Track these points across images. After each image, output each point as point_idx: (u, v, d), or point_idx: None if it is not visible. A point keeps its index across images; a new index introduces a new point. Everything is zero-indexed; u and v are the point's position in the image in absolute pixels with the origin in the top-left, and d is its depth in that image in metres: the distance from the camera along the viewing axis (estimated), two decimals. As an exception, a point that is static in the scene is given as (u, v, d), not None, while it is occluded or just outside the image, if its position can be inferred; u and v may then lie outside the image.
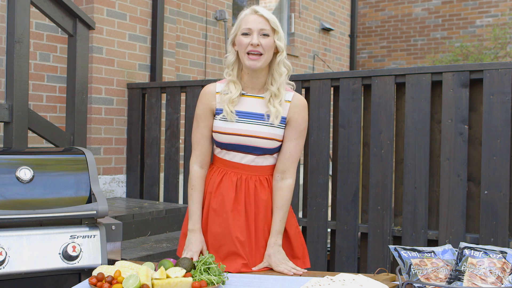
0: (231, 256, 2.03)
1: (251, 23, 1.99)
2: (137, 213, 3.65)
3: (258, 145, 2.03)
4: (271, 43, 2.00)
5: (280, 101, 2.03)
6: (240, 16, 2.05)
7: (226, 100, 2.03)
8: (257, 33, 1.98)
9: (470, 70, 3.04)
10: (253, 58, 1.98)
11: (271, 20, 2.00)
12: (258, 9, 2.02)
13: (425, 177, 3.15)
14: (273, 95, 2.03)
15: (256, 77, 2.05)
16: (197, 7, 5.68)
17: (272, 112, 2.01)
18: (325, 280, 1.73)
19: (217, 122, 2.06)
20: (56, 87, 4.38)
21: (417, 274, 1.77)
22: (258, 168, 2.08)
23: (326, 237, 3.49)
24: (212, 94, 2.08)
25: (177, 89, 4.24)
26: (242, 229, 2.04)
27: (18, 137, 2.90)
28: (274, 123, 2.02)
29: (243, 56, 2.00)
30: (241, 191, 2.05)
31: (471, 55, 8.08)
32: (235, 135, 2.02)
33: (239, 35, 2.01)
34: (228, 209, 2.04)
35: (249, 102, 2.06)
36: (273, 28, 2.00)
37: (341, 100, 3.45)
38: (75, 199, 1.94)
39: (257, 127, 2.02)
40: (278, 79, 2.03)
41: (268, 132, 2.02)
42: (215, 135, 2.07)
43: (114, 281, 1.65)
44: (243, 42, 1.99)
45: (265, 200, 2.07)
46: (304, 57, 7.43)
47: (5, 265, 1.74)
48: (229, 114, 2.02)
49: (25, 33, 2.93)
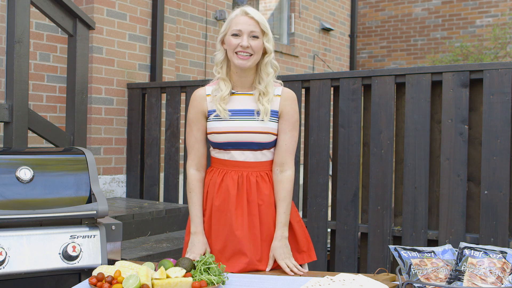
0: (236, 256, 2.03)
1: (242, 24, 2.03)
2: (137, 213, 3.65)
3: (254, 140, 2.06)
4: (260, 45, 2.04)
5: (268, 99, 2.08)
6: (230, 16, 2.09)
7: (217, 99, 2.06)
8: (247, 35, 2.02)
9: (470, 70, 3.04)
10: (242, 58, 2.02)
11: (261, 22, 2.04)
12: (248, 10, 2.05)
13: (425, 177, 3.15)
14: (261, 93, 2.08)
15: (244, 76, 2.09)
16: (197, 7, 5.69)
17: (262, 110, 2.06)
18: (325, 280, 1.73)
19: (211, 123, 2.08)
20: (56, 87, 4.38)
21: (417, 274, 1.77)
22: (257, 164, 2.10)
23: (326, 237, 3.49)
24: (203, 97, 2.12)
25: (177, 89, 4.24)
26: (245, 227, 2.04)
27: (18, 137, 2.90)
28: (264, 119, 2.06)
29: (232, 55, 2.04)
30: (243, 188, 2.07)
31: (471, 55, 8.08)
32: (230, 133, 2.05)
33: (228, 35, 2.05)
34: (232, 208, 2.05)
35: (240, 99, 2.10)
36: (262, 30, 2.05)
37: (341, 100, 3.44)
38: (75, 199, 1.94)
39: (250, 123, 2.06)
40: (266, 78, 2.08)
41: (261, 126, 2.06)
42: (211, 136, 2.09)
43: (114, 281, 1.65)
44: (232, 42, 2.03)
45: (267, 195, 2.09)
46: (304, 57, 7.43)
47: (5, 265, 1.74)
48: (222, 111, 2.05)
49: (25, 33, 2.93)
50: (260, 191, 2.08)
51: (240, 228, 2.04)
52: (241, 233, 2.03)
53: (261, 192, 2.08)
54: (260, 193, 2.08)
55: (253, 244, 2.04)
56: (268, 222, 2.09)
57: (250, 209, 2.06)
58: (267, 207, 2.09)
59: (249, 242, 2.03)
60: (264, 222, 2.08)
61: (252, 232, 2.05)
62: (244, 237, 2.03)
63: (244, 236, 2.03)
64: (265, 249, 2.07)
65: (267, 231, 2.08)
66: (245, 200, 2.06)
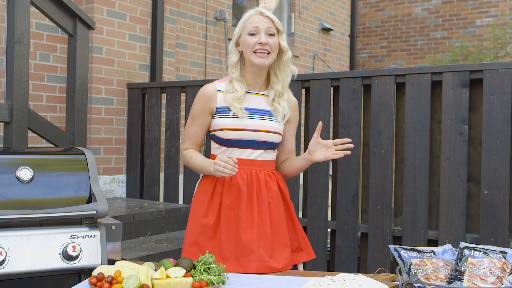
0: (247, 255, 2.01)
1: (258, 22, 2.07)
2: (137, 213, 3.65)
3: (267, 140, 2.11)
4: (277, 43, 2.09)
5: (283, 99, 2.15)
6: (244, 17, 2.12)
7: (232, 99, 2.09)
8: (264, 33, 2.06)
9: (470, 70, 3.04)
10: (261, 56, 2.06)
11: (275, 21, 2.11)
12: (263, 10, 2.11)
13: (425, 177, 3.15)
14: (277, 93, 2.14)
15: (259, 75, 2.13)
16: (197, 7, 5.68)
17: (279, 110, 2.13)
18: (325, 280, 1.73)
19: (222, 120, 2.10)
20: (56, 87, 4.38)
21: (417, 274, 1.77)
22: (264, 162, 2.14)
23: (326, 237, 3.49)
24: (213, 93, 2.13)
25: (177, 89, 4.24)
26: (255, 225, 2.04)
27: (18, 137, 2.90)
28: (278, 119, 2.14)
29: (250, 55, 2.07)
30: (252, 185, 2.09)
31: (471, 55, 8.08)
32: (245, 131, 2.08)
33: (244, 35, 2.09)
34: (243, 205, 2.06)
35: (254, 99, 2.14)
36: (277, 28, 2.10)
37: (341, 100, 3.45)
38: (75, 199, 1.94)
39: (267, 122, 2.12)
40: (285, 79, 2.14)
41: (275, 126, 2.13)
42: (223, 133, 2.09)
43: (114, 281, 1.65)
44: (250, 41, 2.06)
45: (276, 191, 2.12)
46: (304, 57, 7.43)
47: (5, 265, 1.74)
48: (239, 111, 2.08)
49: (25, 33, 2.93)
50: (269, 189, 2.11)
51: (250, 226, 2.04)
52: (251, 231, 2.04)
53: (270, 190, 2.11)
54: (269, 191, 2.11)
55: (263, 241, 2.04)
56: (279, 219, 2.10)
57: (260, 207, 2.07)
58: (276, 205, 2.11)
59: (259, 240, 2.04)
60: (275, 220, 2.09)
61: (263, 229, 2.06)
62: (254, 236, 2.03)
63: (254, 235, 2.03)
64: (276, 246, 2.07)
65: (278, 228, 2.09)
66: (255, 198, 2.08)
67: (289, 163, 2.22)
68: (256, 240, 2.03)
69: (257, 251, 2.01)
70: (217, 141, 2.14)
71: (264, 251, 2.03)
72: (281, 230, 2.10)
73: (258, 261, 2.00)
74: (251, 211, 2.06)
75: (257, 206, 2.07)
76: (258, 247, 2.02)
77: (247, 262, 2.01)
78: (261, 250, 2.02)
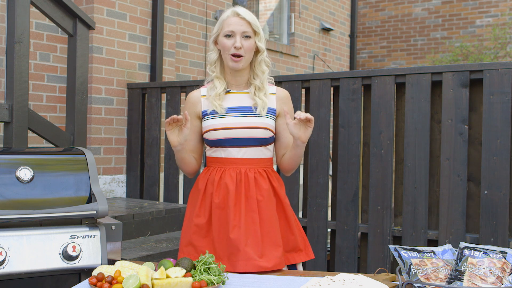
0: (235, 255, 2.02)
1: (234, 25, 2.08)
2: (137, 213, 3.65)
3: (252, 136, 2.09)
4: (253, 45, 2.10)
5: (264, 93, 2.14)
6: (222, 17, 2.13)
7: (213, 96, 2.11)
8: (240, 36, 2.07)
9: (470, 70, 3.04)
10: (235, 60, 2.08)
11: (253, 22, 2.10)
12: (239, 11, 2.10)
13: (425, 177, 3.15)
14: (257, 88, 2.14)
15: (239, 75, 2.15)
16: (197, 7, 5.69)
17: (259, 103, 2.11)
18: (325, 280, 1.73)
19: (207, 122, 2.11)
20: (56, 87, 4.38)
21: (417, 274, 1.77)
22: (255, 160, 2.12)
23: (326, 237, 3.49)
24: (197, 98, 2.17)
25: (177, 89, 4.24)
26: (242, 225, 2.03)
27: (18, 137, 2.90)
28: (261, 114, 2.11)
29: (226, 56, 2.10)
30: (241, 184, 2.07)
31: (471, 55, 8.08)
32: (228, 129, 2.08)
33: (221, 36, 2.11)
34: (231, 204, 2.05)
35: (236, 97, 2.15)
36: (254, 30, 2.10)
37: (341, 100, 3.45)
38: (75, 199, 1.94)
39: (248, 119, 2.10)
40: (261, 76, 2.15)
41: (259, 122, 2.10)
42: (208, 134, 2.11)
43: (114, 281, 1.65)
44: (226, 44, 2.09)
45: (266, 190, 2.10)
46: (304, 57, 7.43)
47: (5, 265, 1.74)
48: (218, 108, 2.09)
49: (25, 33, 2.93)
50: (259, 187, 2.09)
51: (238, 225, 2.03)
52: (238, 230, 2.03)
53: (260, 188, 2.09)
54: (259, 189, 2.09)
55: (252, 240, 2.03)
56: (269, 217, 2.08)
57: (248, 206, 2.06)
58: (267, 203, 2.09)
59: (247, 239, 2.03)
60: (265, 218, 2.07)
61: (251, 228, 2.04)
62: (241, 234, 2.02)
63: (241, 233, 2.02)
64: (266, 245, 2.05)
65: (268, 227, 2.08)
66: (243, 196, 2.06)
67: (287, 156, 2.19)
68: (243, 239, 2.01)
69: (243, 249, 2.00)
70: (207, 143, 2.16)
71: (252, 249, 2.01)
72: (272, 228, 2.08)
73: (245, 260, 1.99)
74: (238, 209, 2.05)
75: (244, 205, 2.05)
76: (245, 245, 2.01)
77: (235, 260, 2.01)
78: (248, 249, 2.01)
